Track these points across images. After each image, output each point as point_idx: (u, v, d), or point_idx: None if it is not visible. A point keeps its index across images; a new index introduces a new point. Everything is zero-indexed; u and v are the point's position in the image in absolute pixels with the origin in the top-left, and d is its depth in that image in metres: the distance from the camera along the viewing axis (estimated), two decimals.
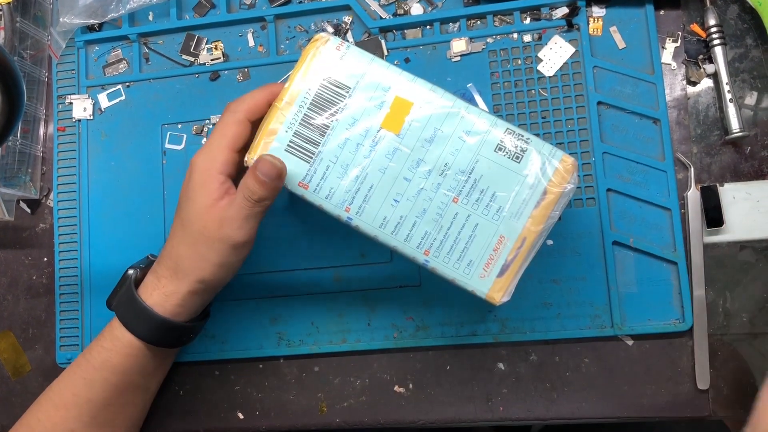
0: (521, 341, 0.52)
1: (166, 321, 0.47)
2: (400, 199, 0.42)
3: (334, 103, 0.43)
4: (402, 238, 0.43)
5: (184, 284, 0.46)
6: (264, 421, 0.55)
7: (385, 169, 0.42)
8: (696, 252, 0.51)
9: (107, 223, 0.58)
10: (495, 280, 0.42)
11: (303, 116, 0.43)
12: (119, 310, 0.48)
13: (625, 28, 0.53)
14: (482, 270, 0.42)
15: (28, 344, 0.59)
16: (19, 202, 0.60)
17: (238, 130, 0.44)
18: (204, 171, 0.44)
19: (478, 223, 0.42)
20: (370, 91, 0.43)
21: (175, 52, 0.59)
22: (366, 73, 0.43)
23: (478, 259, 0.42)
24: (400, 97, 0.42)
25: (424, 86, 0.42)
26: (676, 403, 0.51)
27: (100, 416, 0.48)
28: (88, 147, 0.59)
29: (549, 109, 0.53)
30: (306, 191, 0.43)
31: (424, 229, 0.42)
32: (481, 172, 0.41)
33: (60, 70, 0.60)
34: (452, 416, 0.53)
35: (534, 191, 0.41)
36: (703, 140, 0.52)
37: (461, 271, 0.42)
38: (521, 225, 0.41)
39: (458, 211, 0.42)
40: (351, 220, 0.43)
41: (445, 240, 0.42)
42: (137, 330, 0.47)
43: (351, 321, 0.54)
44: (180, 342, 0.50)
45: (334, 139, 0.43)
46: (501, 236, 0.41)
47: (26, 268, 0.59)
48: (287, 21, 0.57)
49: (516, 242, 0.41)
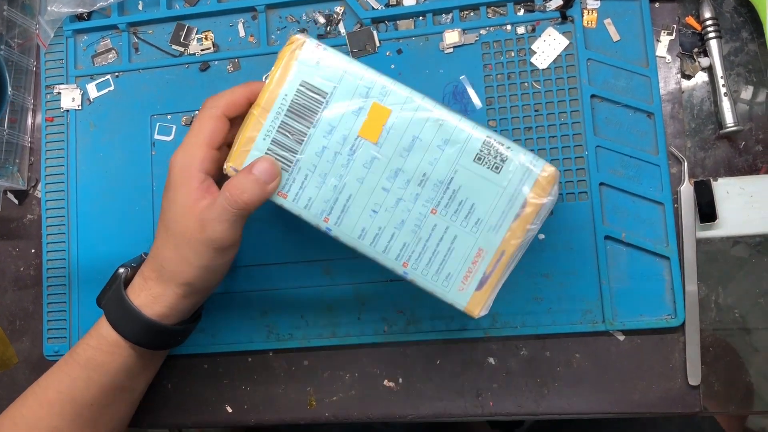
0: (512, 336, 0.52)
1: (154, 323, 0.46)
2: (378, 210, 0.41)
3: (311, 110, 0.41)
4: (381, 249, 0.42)
5: (169, 287, 0.45)
6: (253, 415, 0.55)
7: (363, 178, 0.41)
8: (689, 247, 0.50)
9: (95, 214, 0.57)
10: (473, 293, 0.41)
11: (280, 123, 0.42)
12: (107, 308, 0.47)
13: (620, 21, 0.52)
14: (461, 283, 0.41)
15: (15, 336, 0.58)
16: (7, 193, 0.59)
17: (215, 126, 0.43)
18: (182, 169, 0.43)
19: (457, 235, 0.41)
20: (347, 97, 0.41)
21: (164, 42, 0.58)
22: (343, 78, 0.41)
23: (456, 272, 0.41)
24: (378, 103, 0.41)
25: (402, 91, 0.41)
26: (667, 399, 0.50)
27: (83, 415, 0.47)
28: (77, 137, 0.58)
29: (542, 102, 0.52)
30: (285, 200, 0.43)
31: (402, 241, 0.41)
32: (459, 182, 0.41)
33: (48, 60, 0.59)
34: (442, 411, 0.52)
35: (513, 203, 0.40)
36: (697, 134, 0.52)
37: (440, 283, 0.42)
38: (500, 238, 0.40)
39: (437, 223, 0.41)
40: (330, 231, 0.42)
41: (423, 252, 0.41)
42: (124, 330, 0.46)
43: (341, 315, 0.54)
44: (167, 345, 0.49)
45: (312, 147, 0.42)
46: (480, 249, 0.41)
47: (13, 259, 0.59)
48: (278, 11, 0.57)
49: (495, 255, 0.41)
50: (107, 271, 0.50)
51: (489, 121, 0.53)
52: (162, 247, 0.45)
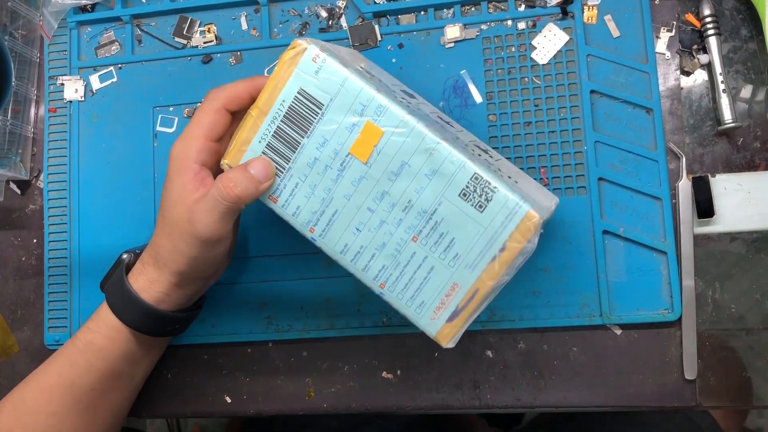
0: (510, 329, 0.52)
1: (151, 308, 0.46)
2: (362, 229, 0.41)
3: (306, 119, 0.41)
4: (360, 267, 0.42)
5: (164, 274, 0.46)
6: (252, 406, 0.55)
7: (350, 196, 0.41)
8: (686, 242, 0.50)
9: (97, 204, 0.57)
10: (444, 324, 0.41)
11: (276, 128, 0.42)
12: (108, 292, 0.48)
13: (620, 17, 0.53)
14: (433, 312, 0.41)
15: (17, 325, 0.59)
16: (9, 183, 0.60)
17: (215, 119, 0.43)
18: (179, 160, 0.44)
19: (434, 266, 0.41)
20: (342, 112, 0.40)
21: (167, 35, 0.58)
22: (341, 91, 0.40)
23: (430, 301, 0.41)
24: (372, 123, 0.40)
25: (398, 113, 0.40)
26: (663, 393, 0.51)
27: (83, 400, 0.48)
28: (79, 128, 0.58)
29: (542, 97, 0.53)
30: (275, 205, 0.43)
31: (382, 263, 0.42)
32: (443, 215, 0.40)
33: (52, 51, 0.60)
34: (440, 403, 0.53)
35: (492, 244, 0.39)
36: (695, 131, 0.52)
37: (413, 309, 0.42)
38: (475, 276, 0.40)
39: (416, 251, 0.41)
40: (315, 241, 0.43)
41: (400, 277, 0.42)
42: (122, 314, 0.47)
43: (340, 307, 0.54)
44: (165, 332, 0.49)
45: (304, 157, 0.42)
46: (455, 284, 0.41)
47: (15, 249, 0.59)
48: (281, 5, 0.57)
49: (468, 292, 0.40)
50: (108, 262, 0.50)
51: (489, 116, 0.53)
52: (159, 234, 0.46)
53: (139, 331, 0.47)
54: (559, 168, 0.52)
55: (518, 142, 0.53)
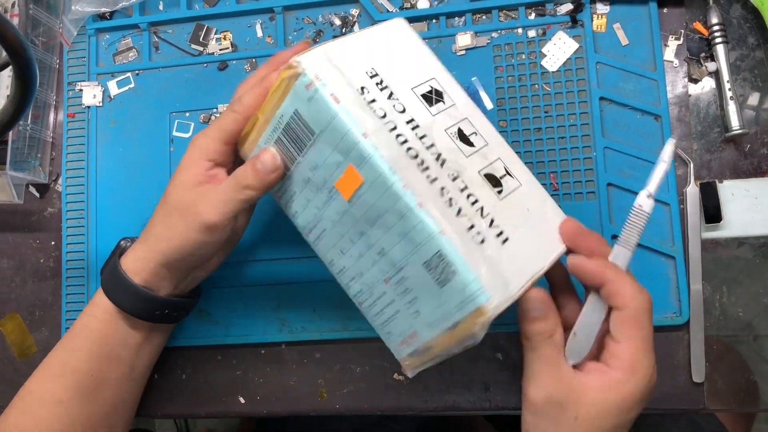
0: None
1: (136, 287, 0.47)
2: (345, 253, 0.42)
3: (301, 140, 0.41)
4: (343, 282, 0.44)
5: (150, 252, 0.47)
6: (265, 406, 0.56)
7: (336, 222, 0.42)
8: (694, 247, 0.51)
9: (114, 208, 0.59)
10: (407, 355, 0.43)
11: (276, 138, 0.42)
12: (103, 275, 0.50)
13: (629, 25, 0.54)
14: (398, 344, 0.43)
15: (35, 326, 0.60)
16: (29, 186, 0.61)
17: (234, 128, 0.45)
18: (193, 154, 0.45)
19: (399, 311, 0.41)
20: (330, 147, 0.39)
21: (184, 42, 0.59)
22: (329, 127, 0.38)
23: (395, 335, 0.43)
24: (354, 168, 0.38)
25: (377, 168, 0.37)
26: (671, 396, 0.51)
27: (86, 386, 0.48)
28: (97, 133, 0.60)
29: (552, 103, 0.54)
30: (279, 201, 0.45)
31: (359, 287, 0.43)
32: (408, 274, 0.39)
33: (71, 58, 0.61)
34: (450, 404, 0.54)
35: (447, 320, 0.39)
36: (703, 137, 0.53)
37: (383, 333, 0.44)
38: (432, 335, 0.40)
39: (386, 292, 0.41)
40: (310, 244, 0.45)
41: (373, 305, 0.43)
42: (112, 295, 0.48)
43: (352, 309, 0.54)
44: (154, 317, 0.49)
45: (300, 174, 0.42)
46: (414, 332, 0.41)
47: (34, 251, 0.60)
48: (295, 13, 0.58)
49: (425, 344, 0.41)
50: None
51: (500, 122, 0.54)
52: (156, 214, 0.47)
53: (129, 313, 0.48)
54: (569, 173, 0.53)
55: (528, 148, 0.53)
